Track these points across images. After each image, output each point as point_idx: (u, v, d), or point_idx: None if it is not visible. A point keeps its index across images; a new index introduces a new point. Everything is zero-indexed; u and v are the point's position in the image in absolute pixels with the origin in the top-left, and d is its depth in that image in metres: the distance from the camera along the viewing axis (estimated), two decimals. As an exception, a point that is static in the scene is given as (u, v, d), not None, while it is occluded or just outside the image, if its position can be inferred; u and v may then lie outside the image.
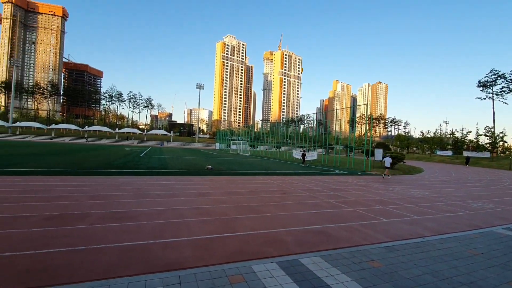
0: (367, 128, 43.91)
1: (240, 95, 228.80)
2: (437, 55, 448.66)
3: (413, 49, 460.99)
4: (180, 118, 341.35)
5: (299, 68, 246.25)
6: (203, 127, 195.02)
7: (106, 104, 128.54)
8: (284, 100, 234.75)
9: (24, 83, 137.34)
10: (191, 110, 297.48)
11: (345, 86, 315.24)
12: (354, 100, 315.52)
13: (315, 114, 41.68)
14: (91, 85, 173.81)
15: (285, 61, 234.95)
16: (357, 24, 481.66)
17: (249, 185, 12.27)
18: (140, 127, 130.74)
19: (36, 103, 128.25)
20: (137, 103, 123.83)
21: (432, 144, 70.50)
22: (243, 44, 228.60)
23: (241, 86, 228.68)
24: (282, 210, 7.74)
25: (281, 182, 14.04)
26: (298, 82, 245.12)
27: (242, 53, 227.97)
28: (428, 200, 10.87)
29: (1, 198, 7.41)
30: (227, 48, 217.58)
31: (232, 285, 3.42)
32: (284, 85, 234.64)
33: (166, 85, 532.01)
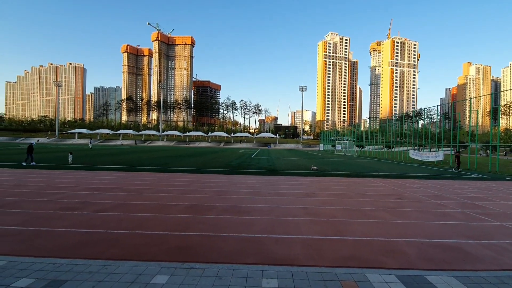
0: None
1: (344, 93, 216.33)
2: None
3: None
4: (284, 120, 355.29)
5: (414, 55, 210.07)
6: (307, 128, 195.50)
7: (223, 113, 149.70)
8: (396, 93, 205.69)
9: (168, 101, 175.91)
10: (294, 112, 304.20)
11: (482, 68, 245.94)
12: (496, 84, 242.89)
13: (439, 106, 34.43)
14: (212, 98, 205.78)
15: (396, 49, 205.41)
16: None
17: (358, 188, 11.50)
18: (250, 131, 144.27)
19: (175, 116, 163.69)
20: (248, 109, 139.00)
21: None
22: (345, 40, 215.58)
23: (345, 84, 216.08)
24: (399, 218, 6.89)
25: (396, 185, 12.44)
26: (413, 71, 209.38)
27: (345, 48, 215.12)
28: None
29: (158, 190, 9.86)
30: (329, 46, 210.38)
31: (345, 290, 3.35)
32: (396, 76, 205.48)
33: (271, 89, 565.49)
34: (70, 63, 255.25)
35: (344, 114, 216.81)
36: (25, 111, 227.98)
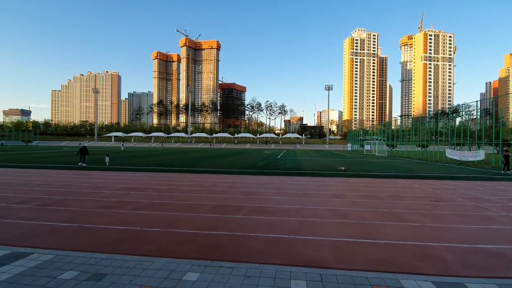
0: None
1: (373, 91, 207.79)
2: None
3: None
4: (310, 121, 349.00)
5: (450, 48, 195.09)
6: (333, 128, 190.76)
7: (249, 114, 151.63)
8: (430, 89, 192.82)
9: (195, 104, 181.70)
10: (320, 112, 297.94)
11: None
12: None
13: (479, 102, 31.71)
14: (238, 99, 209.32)
15: (430, 42, 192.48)
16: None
17: (389, 189, 11.01)
18: (276, 131, 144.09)
19: (203, 118, 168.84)
20: (273, 110, 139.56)
21: None
22: (374, 35, 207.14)
23: (373, 81, 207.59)
24: (435, 221, 6.49)
25: (432, 187, 11.72)
26: (449, 65, 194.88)
27: (374, 44, 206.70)
28: None
29: (188, 190, 10.23)
30: (356, 43, 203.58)
31: (376, 294, 3.24)
32: (430, 71, 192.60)
33: (297, 90, 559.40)
34: (107, 71, 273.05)
35: (373, 112, 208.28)
36: (68, 117, 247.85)
